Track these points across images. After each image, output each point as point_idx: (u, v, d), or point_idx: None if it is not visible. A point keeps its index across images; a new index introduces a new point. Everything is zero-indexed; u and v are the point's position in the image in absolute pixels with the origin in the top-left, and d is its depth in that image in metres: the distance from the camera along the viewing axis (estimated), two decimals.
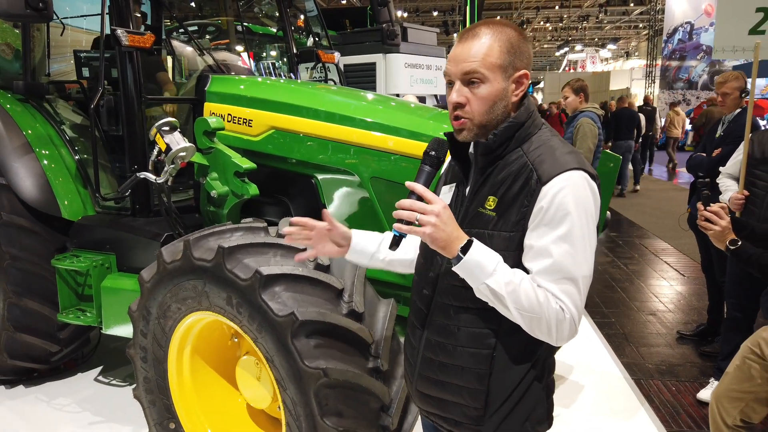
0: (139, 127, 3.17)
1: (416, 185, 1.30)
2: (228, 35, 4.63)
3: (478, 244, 1.29)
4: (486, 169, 1.39)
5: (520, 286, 1.27)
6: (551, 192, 1.27)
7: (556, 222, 1.27)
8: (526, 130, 1.38)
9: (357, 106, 3.04)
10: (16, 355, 3.52)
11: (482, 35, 1.34)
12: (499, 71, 1.34)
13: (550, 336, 1.31)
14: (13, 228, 3.37)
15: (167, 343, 2.52)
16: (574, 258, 1.28)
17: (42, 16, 2.77)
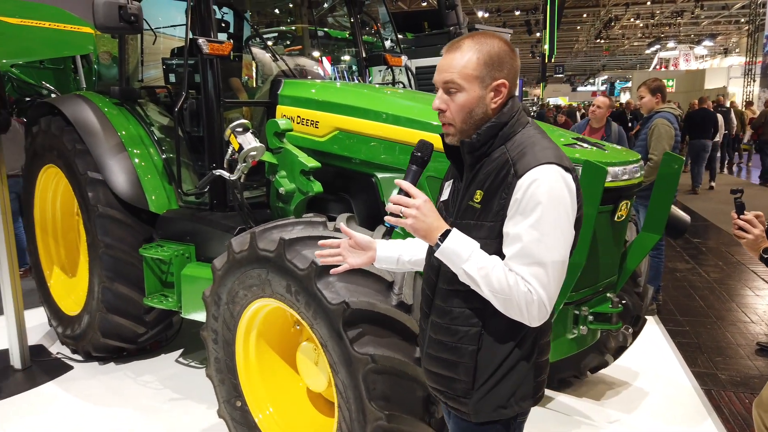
0: (217, 128, 3.43)
1: (403, 182, 1.48)
2: (302, 41, 4.85)
3: (455, 234, 1.44)
4: (474, 166, 1.53)
5: (493, 271, 1.40)
6: (525, 184, 1.39)
7: (528, 211, 1.38)
8: (509, 129, 1.50)
9: (420, 108, 3.13)
10: (107, 334, 3.90)
11: (464, 48, 1.49)
12: (476, 81, 1.48)
13: (522, 316, 1.42)
14: (107, 219, 3.73)
15: (235, 326, 2.73)
16: (544, 244, 1.38)
17: (133, 28, 3.09)
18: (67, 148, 3.87)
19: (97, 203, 3.73)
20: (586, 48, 40.35)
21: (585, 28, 33.60)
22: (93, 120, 3.86)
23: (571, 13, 28.81)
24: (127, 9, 2.98)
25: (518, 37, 30.78)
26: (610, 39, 34.86)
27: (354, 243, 1.72)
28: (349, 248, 1.74)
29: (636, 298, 3.28)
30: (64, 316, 4.32)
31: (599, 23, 29.95)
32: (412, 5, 24.80)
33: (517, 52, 1.55)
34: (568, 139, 2.71)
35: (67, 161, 3.91)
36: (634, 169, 2.60)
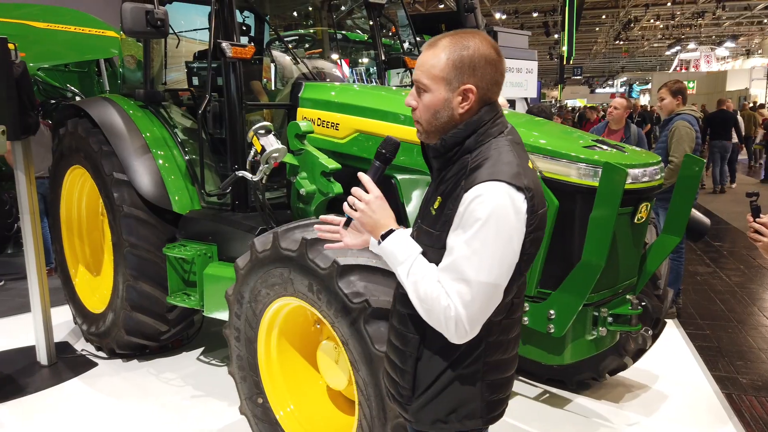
0: (239, 130, 3.50)
1: (362, 176, 1.50)
2: (322, 44, 4.91)
3: (397, 235, 1.46)
4: (441, 171, 1.51)
5: (423, 279, 1.39)
6: (468, 198, 1.35)
7: (466, 226, 1.34)
8: (476, 138, 1.45)
9: None
10: (131, 331, 3.99)
11: (438, 47, 1.45)
12: (442, 83, 1.44)
13: (442, 330, 1.39)
14: (132, 219, 3.82)
15: (257, 324, 2.78)
16: (473, 263, 1.33)
17: (159, 32, 3.16)
18: (93, 149, 3.96)
19: (123, 203, 3.81)
20: (604, 49, 40.00)
21: (604, 29, 33.31)
22: (119, 122, 3.95)
23: (590, 15, 28.59)
24: (153, 14, 3.06)
25: (536, 39, 30.61)
26: (629, 40, 34.53)
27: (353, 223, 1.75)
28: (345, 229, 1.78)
29: (656, 300, 3.28)
30: (89, 314, 4.41)
31: (618, 24, 29.67)
32: (429, 7, 24.82)
33: (501, 58, 1.47)
34: (588, 141, 2.72)
35: (94, 162, 4.00)
36: (654, 171, 2.61)
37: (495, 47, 1.46)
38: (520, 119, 3.26)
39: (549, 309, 2.51)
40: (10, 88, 3.56)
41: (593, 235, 2.39)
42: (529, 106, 7.43)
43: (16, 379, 3.97)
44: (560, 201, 2.49)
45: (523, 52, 8.67)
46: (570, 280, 2.46)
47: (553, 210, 2.49)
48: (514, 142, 1.48)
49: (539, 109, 5.81)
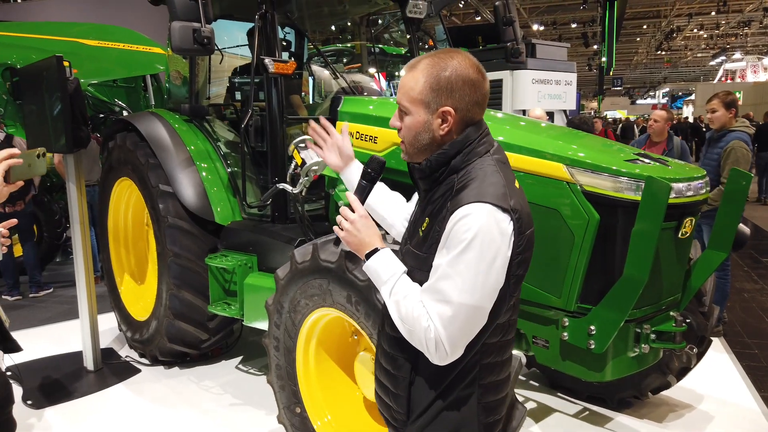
0: (280, 143, 3.57)
1: (350, 195, 1.55)
2: (361, 59, 4.98)
3: (381, 255, 1.47)
4: (428, 191, 1.50)
5: (405, 299, 1.39)
6: (454, 219, 1.33)
7: (451, 247, 1.33)
8: (462, 158, 1.43)
9: None
10: (173, 339, 4.09)
11: (417, 69, 1.44)
12: (421, 106, 1.43)
13: (423, 350, 1.38)
14: (176, 229, 3.93)
15: (296, 334, 2.82)
16: (456, 284, 1.31)
17: (206, 49, 3.26)
18: (140, 162, 4.11)
19: (167, 214, 3.93)
20: (645, 60, 39.23)
21: (645, 39, 32.70)
22: (165, 136, 4.08)
23: (631, 25, 28.11)
24: (200, 32, 3.16)
25: (575, 50, 30.25)
26: (671, 50, 33.77)
27: (340, 144, 1.89)
28: (332, 145, 1.90)
29: (701, 317, 3.19)
30: (133, 321, 4.54)
31: (660, 34, 29.10)
32: (465, 20, 24.84)
33: (483, 77, 1.44)
34: (629, 154, 2.69)
35: (141, 174, 4.14)
36: (698, 186, 2.55)
37: (476, 66, 1.43)
38: (557, 132, 3.24)
39: (589, 325, 2.48)
40: (65, 104, 3.73)
41: (636, 249, 2.35)
42: (568, 118, 7.34)
43: (64, 383, 4.11)
44: (601, 215, 2.46)
45: (562, 63, 8.59)
46: (612, 296, 2.42)
47: (594, 224, 2.46)
48: (500, 161, 1.46)
49: (580, 120, 5.74)
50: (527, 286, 2.73)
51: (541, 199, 2.63)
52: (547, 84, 7.99)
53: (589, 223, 2.47)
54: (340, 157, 1.90)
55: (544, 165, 2.61)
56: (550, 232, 2.61)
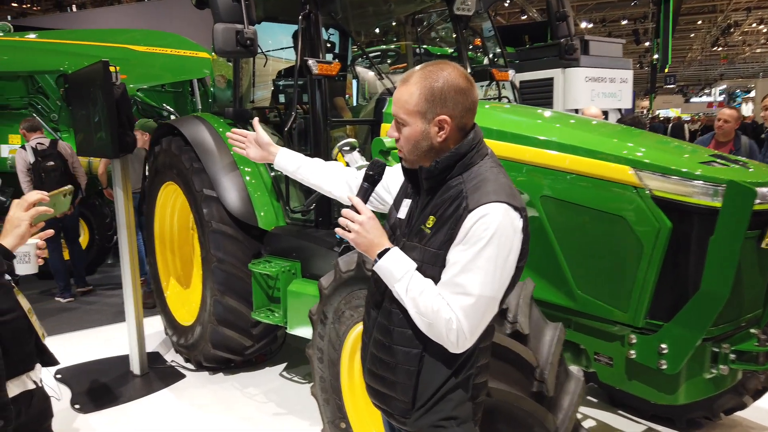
0: (324, 146, 3.47)
1: (353, 197, 1.58)
2: (406, 59, 4.85)
3: (393, 253, 1.52)
4: (431, 191, 1.57)
5: (422, 294, 1.47)
6: (473, 219, 1.43)
7: (471, 243, 1.43)
8: (468, 160, 1.53)
9: (530, 123, 2.99)
10: (217, 345, 4.04)
11: (410, 83, 1.54)
12: (417, 116, 1.52)
13: (442, 341, 1.47)
14: (220, 234, 3.88)
15: (341, 346, 2.70)
16: (477, 277, 1.42)
17: (249, 51, 3.18)
18: (185, 166, 4.08)
19: (211, 219, 3.89)
20: (700, 56, 37.70)
21: (700, 35, 31.42)
22: (209, 140, 4.05)
23: (684, 21, 27.03)
24: (243, 34, 3.09)
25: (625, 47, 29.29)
26: (728, 46, 32.32)
27: (256, 138, 2.05)
28: (252, 141, 2.07)
29: None
30: (179, 326, 4.53)
31: (716, 30, 27.88)
32: (511, 19, 24.40)
33: (472, 85, 1.54)
34: (704, 156, 2.46)
35: (185, 179, 4.12)
36: None
37: (465, 76, 1.53)
38: (617, 131, 3.02)
39: (660, 343, 2.26)
40: (111, 109, 3.73)
41: (715, 261, 2.12)
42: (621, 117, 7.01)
43: (111, 387, 4.12)
44: (673, 222, 2.25)
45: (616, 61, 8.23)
46: (687, 312, 2.20)
47: (666, 232, 2.25)
48: (497, 163, 1.58)
49: (633, 120, 5.44)
50: (587, 298, 2.54)
51: (602, 204, 2.43)
52: (601, 82, 7.66)
53: (659, 232, 2.26)
54: (260, 147, 2.07)
55: (607, 167, 2.41)
56: (614, 241, 2.41)
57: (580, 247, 2.54)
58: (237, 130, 2.14)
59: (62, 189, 1.93)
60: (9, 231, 1.76)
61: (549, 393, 2.05)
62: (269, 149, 2.08)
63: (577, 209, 2.54)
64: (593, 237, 2.48)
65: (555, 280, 2.61)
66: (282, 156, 2.07)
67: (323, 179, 2.02)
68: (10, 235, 1.76)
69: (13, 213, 1.78)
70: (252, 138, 2.08)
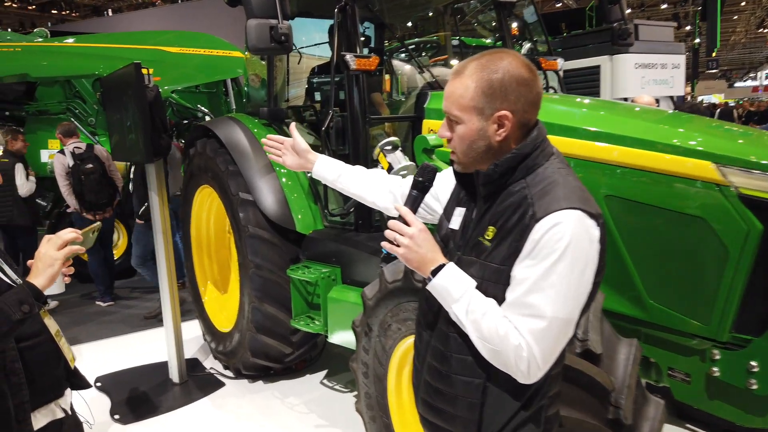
0: (363, 145, 3.30)
1: (401, 207, 1.42)
2: (446, 51, 4.63)
3: (449, 270, 1.36)
4: (489, 198, 1.41)
5: (485, 316, 1.30)
6: (543, 228, 1.26)
7: (541, 258, 1.26)
8: (531, 161, 1.36)
9: (579, 114, 2.75)
10: (256, 353, 3.92)
11: (465, 74, 1.37)
12: (474, 113, 1.36)
13: (510, 371, 1.30)
14: (257, 239, 3.75)
15: (387, 361, 2.52)
16: (549, 296, 1.26)
17: (284, 47, 3.03)
18: (220, 169, 3.96)
19: (248, 223, 3.76)
20: (744, 39, 36.20)
21: (744, 17, 30.13)
22: (243, 141, 3.91)
23: (728, 2, 25.94)
24: (278, 29, 2.93)
25: None
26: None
27: (293, 145, 1.91)
28: (289, 148, 1.93)
29: None
30: (217, 332, 4.43)
31: (761, 11, 26.67)
32: (545, 7, 23.80)
33: (535, 76, 1.37)
34: None
35: (221, 182, 4.00)
36: None
37: (527, 65, 1.37)
38: (689, 120, 2.74)
39: (750, 360, 2.02)
40: (144, 112, 3.63)
41: None
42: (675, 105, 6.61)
43: (150, 396, 4.04)
44: (764, 224, 1.99)
45: (667, 45, 7.80)
46: None
47: (756, 235, 1.99)
48: (564, 164, 1.40)
49: (691, 107, 5.10)
50: (660, 308, 2.30)
51: (678, 205, 2.19)
52: (651, 68, 7.25)
53: (748, 235, 2.01)
54: (298, 155, 1.93)
55: (684, 163, 2.16)
56: (693, 245, 2.16)
57: (651, 251, 2.30)
58: (273, 137, 2.00)
59: (91, 227, 1.85)
60: (41, 270, 1.63)
61: (627, 420, 1.82)
62: (307, 156, 1.93)
63: (648, 210, 2.29)
64: (667, 241, 2.24)
65: (622, 287, 2.37)
66: (321, 164, 1.92)
67: (365, 189, 1.85)
68: (43, 275, 1.63)
69: (45, 251, 1.65)
70: (288, 144, 1.95)
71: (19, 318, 1.55)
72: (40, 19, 22.46)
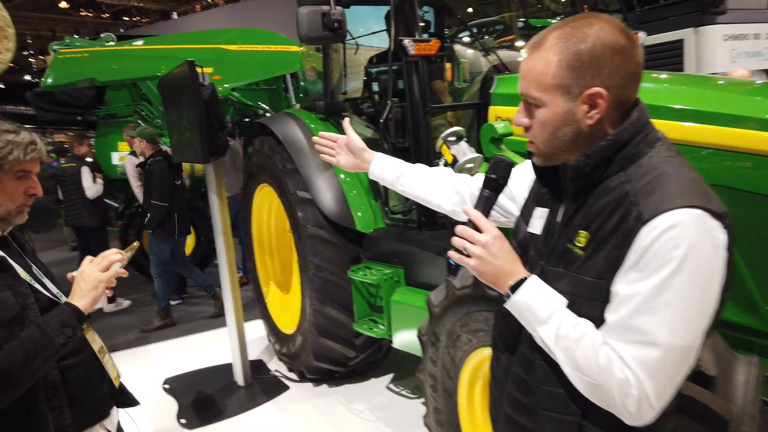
0: (424, 136, 3.07)
1: (471, 210, 1.21)
2: (512, 32, 4.31)
3: (532, 284, 1.15)
4: (579, 196, 1.17)
5: (580, 343, 1.08)
6: (654, 233, 1.02)
7: (652, 269, 1.02)
8: (632, 149, 1.12)
9: (660, 89, 2.40)
10: (319, 357, 3.78)
11: (544, 46, 1.13)
12: (558, 92, 1.12)
13: (614, 409, 1.07)
14: (316, 239, 3.60)
15: (457, 374, 2.30)
16: (665, 319, 1.02)
17: (337, 35, 2.84)
18: (278, 167, 3.84)
19: (306, 223, 3.61)
20: None
21: None
22: (300, 138, 3.77)
23: None
24: (330, 15, 2.75)
25: None
26: None
27: (347, 143, 1.71)
28: (343, 146, 1.73)
29: None
30: (280, 334, 4.34)
31: None
32: None
33: (634, 43, 1.11)
34: None
35: (279, 180, 3.88)
36: None
37: (623, 31, 1.11)
38: None
39: None
40: (199, 111, 3.54)
41: None
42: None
43: (215, 399, 4.00)
44: None
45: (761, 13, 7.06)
46: None
47: None
48: (674, 150, 1.15)
49: None
50: None
51: None
52: (743, 39, 6.55)
53: None
54: (353, 157, 1.73)
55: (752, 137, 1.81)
56: None
57: (764, 249, 1.95)
58: (325, 134, 1.80)
59: (132, 246, 1.79)
60: (85, 292, 1.54)
61: None
62: (363, 156, 1.72)
63: (756, 200, 1.95)
64: None
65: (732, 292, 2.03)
66: (378, 163, 1.71)
67: (429, 190, 1.63)
68: (86, 297, 1.54)
69: (89, 271, 1.56)
70: (342, 142, 1.74)
71: (62, 342, 1.47)
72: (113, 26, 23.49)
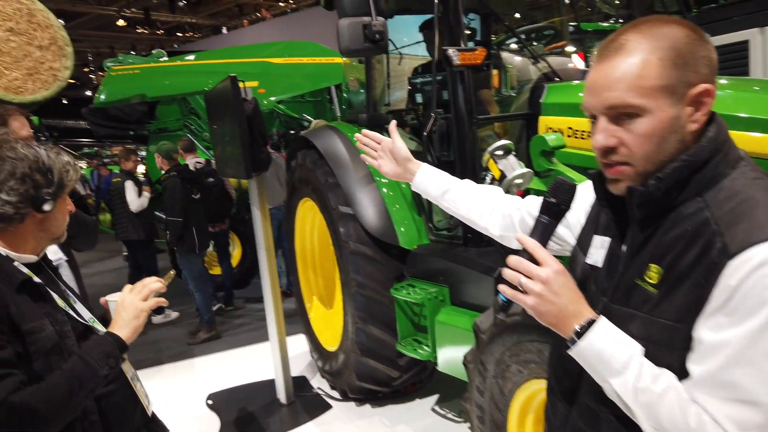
0: (470, 149, 2.93)
1: (527, 240, 1.06)
2: (563, 37, 4.12)
3: (602, 328, 1.00)
4: (648, 224, 1.02)
5: (663, 399, 0.94)
6: (744, 269, 0.87)
7: (746, 313, 0.87)
8: (711, 170, 0.97)
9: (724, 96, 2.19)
10: (362, 377, 3.67)
11: (629, 48, 0.98)
12: (663, 95, 0.96)
13: None
14: (359, 256, 3.50)
15: (506, 408, 2.14)
16: (764, 371, 0.86)
17: (379, 47, 2.74)
18: (320, 181, 3.77)
19: (348, 239, 3.52)
20: None
21: None
22: (342, 151, 3.69)
23: None
24: (371, 27, 2.66)
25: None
26: None
27: (392, 148, 1.60)
28: (387, 151, 1.62)
29: None
30: (323, 350, 4.26)
31: None
32: None
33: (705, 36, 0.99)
34: None
35: (321, 195, 3.81)
36: None
37: (689, 24, 1.00)
38: None
39: None
40: (242, 126, 3.52)
41: None
42: None
43: (258, 417, 3.95)
44: None
45: None
46: None
47: None
48: (760, 170, 1.00)
49: None
50: None
51: None
52: None
53: None
54: (397, 165, 1.61)
55: None
56: None
57: None
58: (368, 132, 1.69)
59: (169, 274, 1.78)
60: (126, 321, 1.51)
61: None
62: (407, 165, 1.60)
63: None
64: None
65: None
66: (423, 175, 1.59)
67: (476, 211, 1.51)
68: (128, 327, 1.51)
69: (131, 301, 1.54)
70: (387, 146, 1.63)
71: (106, 373, 1.43)
72: (168, 42, 24.32)
